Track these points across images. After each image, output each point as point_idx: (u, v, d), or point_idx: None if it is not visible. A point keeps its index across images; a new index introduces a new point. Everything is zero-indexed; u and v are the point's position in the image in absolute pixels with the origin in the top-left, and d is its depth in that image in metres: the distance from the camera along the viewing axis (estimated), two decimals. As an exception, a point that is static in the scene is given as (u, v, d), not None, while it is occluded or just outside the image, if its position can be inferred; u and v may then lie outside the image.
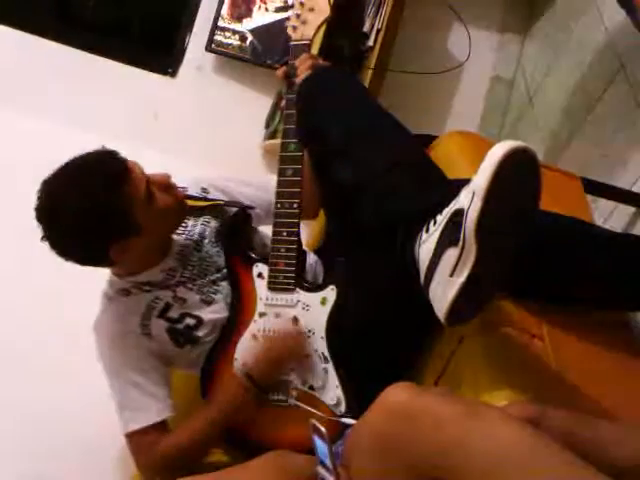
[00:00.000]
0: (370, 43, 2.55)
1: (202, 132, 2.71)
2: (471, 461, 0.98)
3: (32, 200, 1.57)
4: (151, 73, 2.82)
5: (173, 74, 2.83)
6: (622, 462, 1.05)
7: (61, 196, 1.56)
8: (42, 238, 1.57)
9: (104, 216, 1.54)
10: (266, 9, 2.71)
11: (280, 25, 2.57)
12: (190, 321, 1.68)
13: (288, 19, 1.75)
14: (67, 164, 1.58)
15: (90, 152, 1.59)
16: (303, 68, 1.65)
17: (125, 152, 1.65)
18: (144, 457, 1.64)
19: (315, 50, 2.30)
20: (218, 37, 2.74)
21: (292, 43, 1.74)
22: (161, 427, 1.64)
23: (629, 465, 1.05)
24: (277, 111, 2.67)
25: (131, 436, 1.65)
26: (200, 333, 1.69)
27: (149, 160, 1.68)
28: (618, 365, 1.49)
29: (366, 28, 2.56)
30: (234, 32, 2.73)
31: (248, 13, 2.72)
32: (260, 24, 2.72)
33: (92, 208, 1.53)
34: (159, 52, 2.90)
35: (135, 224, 1.58)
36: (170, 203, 1.63)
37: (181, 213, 1.70)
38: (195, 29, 2.82)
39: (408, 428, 1.05)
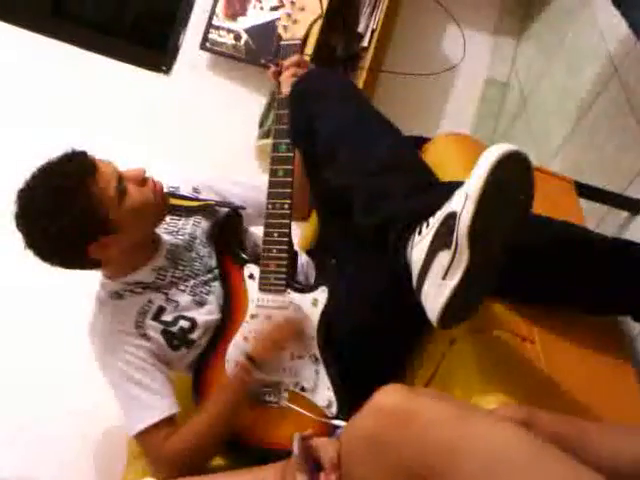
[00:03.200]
0: (364, 43, 2.55)
1: (195, 131, 2.70)
2: (464, 464, 0.98)
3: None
4: (145, 70, 2.80)
5: (167, 72, 2.81)
6: (608, 462, 1.06)
7: (29, 201, 1.55)
8: (25, 246, 1.57)
9: (72, 217, 1.52)
10: (261, 8, 2.70)
11: (275, 24, 2.56)
12: (184, 324, 1.67)
13: (279, 19, 1.75)
14: (37, 169, 1.57)
15: (59, 155, 1.58)
16: (287, 75, 1.65)
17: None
18: (159, 454, 1.60)
19: (309, 50, 2.30)
20: (212, 35, 2.73)
21: (282, 43, 1.74)
22: (171, 422, 1.62)
23: (615, 465, 1.05)
24: (271, 111, 2.66)
25: (142, 435, 1.61)
26: (194, 336, 1.67)
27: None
28: (608, 369, 1.49)
29: (361, 28, 2.56)
30: (229, 31, 2.72)
31: (243, 12, 2.71)
32: (255, 23, 2.70)
33: (58, 210, 1.52)
34: (153, 49, 2.89)
35: (108, 222, 1.56)
36: (146, 197, 1.61)
37: (160, 207, 1.67)
38: (189, 27, 2.81)
39: (399, 431, 1.04)
